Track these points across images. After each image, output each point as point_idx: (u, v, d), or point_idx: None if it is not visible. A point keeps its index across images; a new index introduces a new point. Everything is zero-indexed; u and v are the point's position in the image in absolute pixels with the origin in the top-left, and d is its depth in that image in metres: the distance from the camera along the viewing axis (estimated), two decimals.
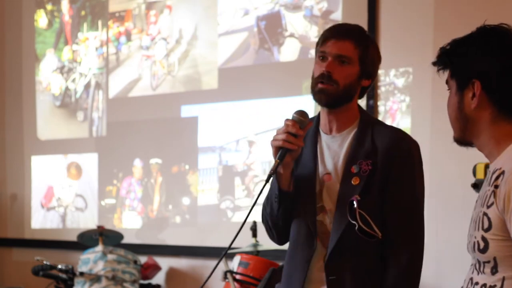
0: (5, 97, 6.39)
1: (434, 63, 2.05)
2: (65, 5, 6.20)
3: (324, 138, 2.69)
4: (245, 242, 4.56)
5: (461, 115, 2.00)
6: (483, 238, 1.90)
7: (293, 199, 2.63)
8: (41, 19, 6.31)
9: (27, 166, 6.25)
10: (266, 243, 4.35)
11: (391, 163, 2.58)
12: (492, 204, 1.89)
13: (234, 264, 4.16)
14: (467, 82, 1.97)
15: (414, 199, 2.64)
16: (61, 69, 6.20)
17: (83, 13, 6.10)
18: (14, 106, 6.34)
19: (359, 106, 2.72)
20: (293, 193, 2.63)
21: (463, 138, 2.03)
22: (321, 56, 2.64)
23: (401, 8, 4.77)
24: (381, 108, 4.79)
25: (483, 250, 1.90)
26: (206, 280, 2.66)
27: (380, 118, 4.75)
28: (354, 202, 2.52)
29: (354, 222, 2.51)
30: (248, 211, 2.61)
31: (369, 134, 2.62)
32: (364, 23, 4.81)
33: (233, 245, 4.75)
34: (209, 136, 5.46)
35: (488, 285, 1.92)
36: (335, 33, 2.64)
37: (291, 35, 5.16)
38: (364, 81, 2.66)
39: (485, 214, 1.91)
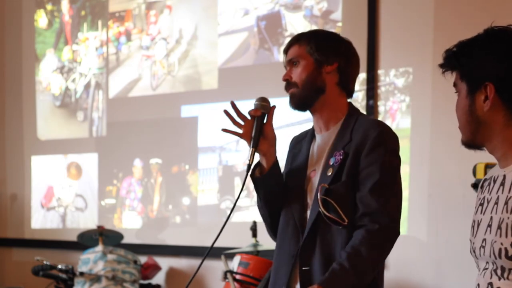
0: (5, 97, 6.39)
1: (441, 65, 2.03)
2: (65, 5, 6.20)
3: (317, 138, 2.75)
4: (245, 242, 4.57)
5: (473, 118, 1.97)
6: None
7: (268, 185, 2.71)
8: (41, 19, 6.31)
9: (27, 166, 6.26)
10: (266, 243, 4.35)
11: (361, 148, 2.59)
12: None
13: (234, 264, 4.16)
14: (479, 85, 1.95)
15: (382, 183, 2.55)
16: (61, 69, 6.20)
17: (83, 13, 6.11)
18: (14, 106, 6.34)
19: (349, 104, 2.74)
20: (267, 178, 2.70)
21: (473, 141, 2.00)
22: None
23: (401, 8, 4.77)
24: (381, 108, 4.79)
25: (511, 257, 1.88)
26: (190, 280, 2.67)
27: (380, 118, 4.75)
28: (319, 190, 2.55)
29: (320, 209, 2.53)
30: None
31: (350, 127, 2.66)
32: (364, 23, 4.81)
33: (233, 245, 4.75)
34: (209, 136, 5.46)
35: None
36: (284, 48, 2.80)
37: (291, 35, 5.14)
38: (326, 67, 2.69)
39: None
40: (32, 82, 6.30)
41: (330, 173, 2.60)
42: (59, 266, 4.91)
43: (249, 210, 5.09)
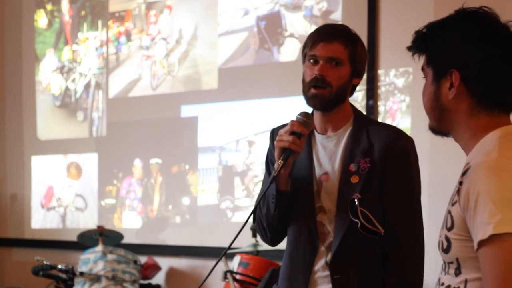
0: (5, 97, 6.39)
1: (408, 48, 1.93)
2: (65, 5, 6.20)
3: (319, 138, 2.70)
4: (245, 242, 4.57)
5: (437, 105, 1.89)
6: (446, 238, 1.79)
7: (290, 200, 2.64)
8: (41, 19, 6.31)
9: (27, 166, 6.25)
10: None
11: (388, 161, 2.59)
12: (456, 202, 1.79)
13: (234, 264, 4.16)
14: (444, 71, 1.84)
15: (413, 195, 2.65)
16: (61, 69, 6.20)
17: (83, 13, 6.11)
18: (14, 106, 6.34)
19: (351, 105, 2.74)
20: (290, 193, 2.63)
21: (439, 128, 1.93)
22: (312, 59, 2.64)
23: (401, 8, 4.77)
24: (381, 108, 4.79)
25: (446, 250, 1.79)
26: (204, 281, 2.66)
27: (380, 118, 4.75)
28: (356, 201, 2.51)
29: (356, 220, 2.51)
30: (248, 211, 2.63)
31: (364, 132, 2.64)
32: (364, 23, 4.81)
33: (233, 245, 4.76)
34: (209, 136, 5.46)
35: (452, 287, 1.81)
36: (324, 36, 2.65)
37: (291, 35, 5.16)
38: (355, 79, 2.69)
39: (449, 212, 1.81)
40: (32, 82, 6.30)
41: (356, 181, 2.58)
42: (59, 266, 4.90)
43: (249, 210, 5.09)
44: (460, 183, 1.79)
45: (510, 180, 1.68)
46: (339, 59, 2.62)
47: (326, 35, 2.64)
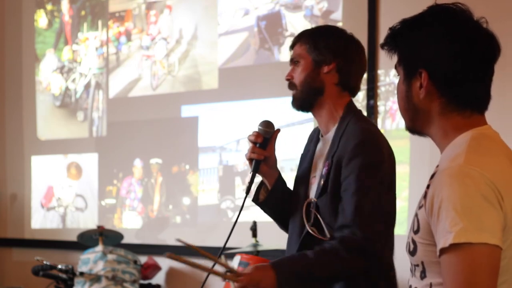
0: (5, 97, 6.39)
1: (381, 46, 1.89)
2: (65, 5, 6.20)
3: (320, 140, 2.71)
4: (245, 242, 4.57)
5: (410, 105, 1.84)
6: (413, 241, 1.78)
7: (275, 205, 2.74)
8: (41, 19, 6.31)
9: (27, 166, 6.25)
10: (266, 243, 4.35)
11: (342, 162, 2.51)
12: (422, 205, 1.76)
13: (234, 264, 4.16)
14: (414, 70, 1.81)
15: (355, 196, 2.46)
16: (61, 69, 6.20)
17: (83, 13, 6.11)
18: (14, 106, 6.34)
19: (347, 104, 2.64)
20: (270, 200, 2.73)
21: (414, 128, 1.88)
22: None
23: (401, 8, 4.77)
24: (381, 108, 4.79)
25: (413, 253, 1.78)
26: (204, 282, 2.67)
27: (380, 118, 4.75)
28: (309, 204, 2.55)
29: (305, 224, 2.53)
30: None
31: (341, 133, 2.58)
32: (364, 23, 4.81)
33: (233, 245, 4.76)
34: (209, 136, 5.46)
35: None
36: (290, 46, 2.74)
37: (291, 35, 5.15)
38: (324, 67, 2.62)
39: (416, 215, 1.78)
40: (32, 82, 6.30)
41: (321, 184, 2.55)
42: (59, 266, 4.90)
43: (249, 210, 5.07)
44: (428, 186, 1.77)
45: (474, 188, 1.66)
46: (297, 57, 2.66)
47: (290, 45, 2.73)
